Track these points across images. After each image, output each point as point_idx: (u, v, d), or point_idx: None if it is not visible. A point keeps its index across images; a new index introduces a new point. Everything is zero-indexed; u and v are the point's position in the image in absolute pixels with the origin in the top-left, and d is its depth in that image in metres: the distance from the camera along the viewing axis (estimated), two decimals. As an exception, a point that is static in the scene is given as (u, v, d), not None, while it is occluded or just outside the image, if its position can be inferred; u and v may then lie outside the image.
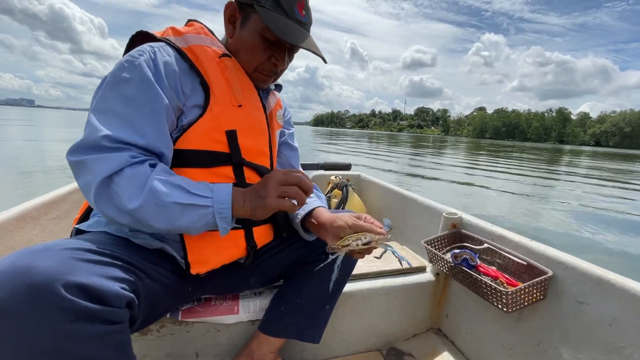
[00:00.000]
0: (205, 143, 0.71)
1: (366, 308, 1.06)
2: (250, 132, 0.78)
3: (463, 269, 0.94)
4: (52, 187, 1.27)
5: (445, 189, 6.75)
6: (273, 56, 0.78)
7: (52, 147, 9.69)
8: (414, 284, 1.11)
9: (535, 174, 10.40)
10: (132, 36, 0.75)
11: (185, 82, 0.70)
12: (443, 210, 1.22)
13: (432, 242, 1.11)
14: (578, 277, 0.79)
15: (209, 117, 0.71)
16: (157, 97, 0.64)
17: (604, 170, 14.63)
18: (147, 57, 0.66)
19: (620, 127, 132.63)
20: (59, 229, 1.16)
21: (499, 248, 0.98)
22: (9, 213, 0.97)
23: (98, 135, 0.58)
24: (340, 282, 0.93)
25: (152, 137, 0.63)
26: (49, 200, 1.14)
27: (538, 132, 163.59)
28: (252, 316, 0.92)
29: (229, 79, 0.75)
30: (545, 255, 0.87)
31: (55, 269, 0.45)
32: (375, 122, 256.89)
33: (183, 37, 0.73)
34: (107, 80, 0.64)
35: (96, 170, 0.56)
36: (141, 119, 0.62)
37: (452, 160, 13.57)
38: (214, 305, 0.91)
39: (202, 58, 0.72)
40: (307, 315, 0.90)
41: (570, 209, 5.58)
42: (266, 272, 0.91)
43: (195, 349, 0.91)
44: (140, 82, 0.63)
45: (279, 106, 0.94)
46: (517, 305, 0.82)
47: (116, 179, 0.57)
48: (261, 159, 0.82)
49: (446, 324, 1.16)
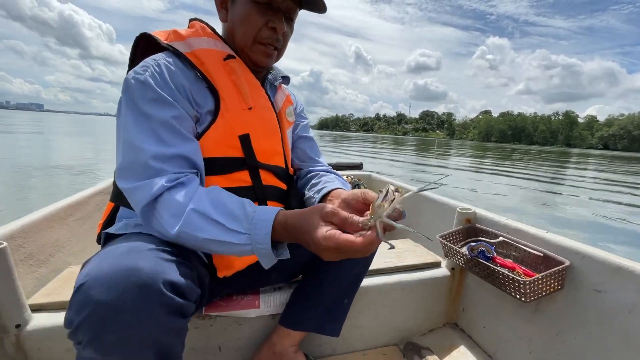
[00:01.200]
0: (220, 150, 0.73)
1: (383, 303, 1.07)
2: (263, 134, 0.79)
3: (480, 261, 0.95)
4: (74, 187, 1.32)
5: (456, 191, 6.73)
6: (270, 20, 0.75)
7: (70, 149, 9.87)
8: (430, 279, 1.12)
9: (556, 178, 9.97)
10: (136, 38, 0.76)
11: (195, 90, 0.71)
12: (456, 206, 1.24)
13: (447, 236, 1.13)
14: (596, 266, 0.80)
15: (221, 123, 0.72)
16: (172, 108, 0.65)
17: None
18: (151, 71, 0.66)
19: (628, 130, 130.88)
20: (83, 230, 1.20)
21: (514, 241, 1.00)
22: (39, 214, 1.01)
23: (137, 157, 0.61)
24: (358, 277, 0.95)
25: (180, 145, 0.64)
26: (74, 202, 1.19)
27: (545, 135, 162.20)
28: (273, 310, 0.94)
29: (237, 82, 0.75)
30: (562, 245, 0.88)
31: (155, 269, 0.51)
32: (380, 125, 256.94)
33: (186, 41, 0.73)
34: (122, 102, 0.65)
35: (137, 198, 0.60)
36: (166, 132, 0.63)
37: (462, 163, 13.48)
38: (235, 300, 0.93)
39: (207, 63, 0.72)
40: (327, 309, 0.92)
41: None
42: (286, 267, 0.93)
43: (218, 342, 0.93)
44: (153, 99, 0.64)
45: (289, 102, 0.93)
46: (535, 295, 0.83)
47: (155, 206, 0.60)
48: (275, 158, 0.83)
49: (462, 319, 1.17)
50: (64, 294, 0.88)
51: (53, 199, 1.16)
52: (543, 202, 5.72)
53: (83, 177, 5.96)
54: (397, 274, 1.11)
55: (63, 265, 1.05)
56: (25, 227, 0.92)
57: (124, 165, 0.62)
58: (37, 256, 0.96)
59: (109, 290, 0.47)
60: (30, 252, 0.93)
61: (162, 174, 0.61)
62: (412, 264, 1.15)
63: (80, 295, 0.47)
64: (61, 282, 0.95)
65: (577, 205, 5.51)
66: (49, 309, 0.84)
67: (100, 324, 0.46)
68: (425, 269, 1.16)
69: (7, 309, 0.75)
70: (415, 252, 1.25)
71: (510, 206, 5.13)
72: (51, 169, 6.25)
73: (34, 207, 1.04)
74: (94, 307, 0.46)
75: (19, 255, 0.88)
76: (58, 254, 1.05)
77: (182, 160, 0.64)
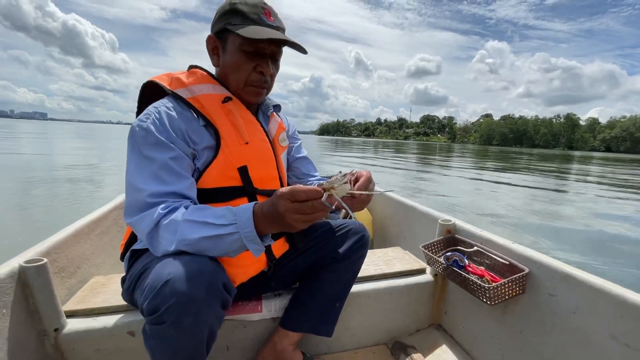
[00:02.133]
0: (221, 181, 0.84)
1: (372, 307, 1.20)
2: (259, 164, 0.89)
3: (454, 269, 1.08)
4: (92, 200, 1.45)
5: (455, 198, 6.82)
6: (258, 65, 0.84)
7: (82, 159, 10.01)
8: (415, 284, 1.25)
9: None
10: (142, 85, 0.88)
11: (192, 129, 0.80)
12: (439, 218, 1.37)
13: (429, 246, 1.26)
14: (550, 273, 0.93)
15: (221, 158, 0.82)
16: (169, 150, 0.76)
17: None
18: (152, 118, 0.77)
19: (630, 132, 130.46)
20: (103, 243, 1.34)
21: (486, 250, 1.13)
22: (68, 230, 1.15)
23: (137, 196, 0.73)
24: (348, 283, 1.08)
25: (175, 183, 0.75)
26: (96, 218, 1.33)
27: (546, 138, 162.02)
28: (274, 314, 1.07)
29: (234, 121, 0.85)
30: (523, 255, 1.01)
31: (215, 271, 0.68)
32: (381, 130, 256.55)
33: (188, 88, 0.83)
34: (129, 147, 0.77)
35: (140, 229, 0.73)
36: (164, 172, 0.75)
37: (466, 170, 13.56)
38: (241, 305, 1.05)
39: (207, 106, 0.82)
40: (320, 313, 1.04)
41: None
42: (285, 276, 1.06)
43: (226, 342, 1.06)
44: (153, 143, 0.75)
45: (281, 129, 1.03)
46: (499, 299, 0.96)
47: (156, 231, 0.71)
48: (272, 183, 0.94)
49: (445, 320, 1.30)
50: (93, 302, 1.02)
51: (64, 208, 1.29)
52: (543, 211, 5.82)
53: (90, 184, 6.14)
54: (386, 280, 1.24)
55: (88, 275, 1.19)
56: (58, 243, 1.06)
57: (128, 204, 0.76)
58: (68, 268, 1.09)
59: (189, 285, 0.62)
60: (62, 265, 1.07)
61: (158, 205, 0.72)
62: (399, 270, 1.28)
63: (167, 289, 0.62)
64: (88, 291, 1.08)
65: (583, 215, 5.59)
66: (80, 315, 0.98)
67: (182, 309, 0.62)
68: (411, 275, 1.28)
69: (48, 315, 0.88)
70: (403, 259, 1.38)
71: (504, 214, 5.23)
72: (55, 180, 6.42)
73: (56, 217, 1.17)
74: (179, 296, 0.61)
75: (54, 268, 1.02)
76: (84, 265, 1.19)
77: (176, 196, 0.76)
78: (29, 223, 3.65)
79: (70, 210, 4.11)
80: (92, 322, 0.94)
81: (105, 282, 1.14)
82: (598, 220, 5.31)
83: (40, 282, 0.86)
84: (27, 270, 0.84)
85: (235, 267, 0.88)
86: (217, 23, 0.85)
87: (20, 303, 0.84)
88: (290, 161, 1.13)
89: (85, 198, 4.91)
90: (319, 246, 1.04)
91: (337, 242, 1.04)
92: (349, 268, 1.05)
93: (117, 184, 6.18)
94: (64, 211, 4.12)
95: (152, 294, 0.63)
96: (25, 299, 0.85)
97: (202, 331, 0.67)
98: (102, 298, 1.04)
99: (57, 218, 3.80)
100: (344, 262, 1.03)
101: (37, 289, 0.86)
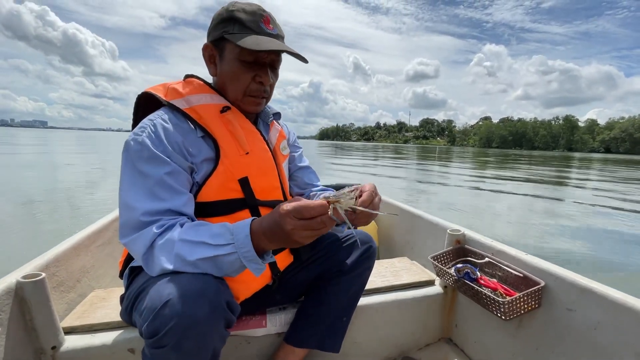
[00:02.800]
0: (221, 193, 0.80)
1: (380, 320, 1.16)
2: (260, 174, 0.86)
3: (465, 281, 1.05)
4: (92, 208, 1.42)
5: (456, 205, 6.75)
6: (257, 75, 0.81)
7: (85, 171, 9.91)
8: (424, 297, 1.21)
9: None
10: (137, 96, 0.85)
11: (190, 141, 0.77)
12: (447, 227, 1.33)
13: (438, 257, 1.22)
14: (567, 286, 0.89)
15: (221, 170, 0.79)
16: (165, 165, 0.73)
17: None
18: (148, 132, 0.73)
19: (630, 133, 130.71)
20: (104, 255, 1.31)
21: (498, 262, 1.09)
22: (68, 243, 1.12)
23: (130, 215, 0.70)
24: (355, 296, 1.04)
25: (170, 199, 0.72)
26: (97, 229, 1.30)
27: (546, 140, 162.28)
28: (279, 329, 1.03)
29: (233, 131, 0.82)
30: (538, 267, 0.98)
31: (219, 291, 0.64)
32: (381, 134, 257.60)
33: (185, 98, 0.80)
34: (123, 162, 0.73)
35: (135, 250, 0.69)
36: (159, 188, 0.71)
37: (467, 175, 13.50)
38: (244, 320, 1.02)
39: (205, 117, 0.79)
40: (327, 327, 1.01)
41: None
42: (290, 289, 1.03)
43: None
44: (148, 157, 0.72)
45: (282, 137, 1.00)
46: (514, 314, 0.93)
47: (151, 251, 0.68)
48: (274, 193, 0.91)
49: (456, 334, 1.26)
50: (92, 317, 0.98)
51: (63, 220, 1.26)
52: (547, 215, 5.75)
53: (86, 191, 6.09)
54: (394, 292, 1.20)
55: (88, 289, 1.16)
56: (58, 256, 1.03)
57: (122, 224, 0.71)
58: (67, 282, 1.06)
59: (190, 306, 0.59)
60: (61, 279, 1.03)
61: (152, 224, 0.69)
62: (407, 282, 1.25)
63: (166, 310, 0.58)
64: (87, 306, 1.05)
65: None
66: (79, 331, 0.94)
67: (183, 332, 0.59)
68: (420, 287, 1.25)
69: (44, 333, 0.85)
70: (411, 270, 1.35)
71: (510, 222, 5.15)
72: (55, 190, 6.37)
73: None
74: (180, 318, 0.58)
75: (53, 283, 0.99)
76: (84, 279, 1.15)
77: (172, 213, 0.72)
78: (28, 236, 3.61)
79: (72, 223, 4.07)
80: (91, 339, 0.91)
81: (106, 296, 1.11)
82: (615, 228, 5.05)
83: (38, 298, 0.83)
84: (25, 286, 0.81)
85: (239, 282, 0.84)
86: (213, 31, 0.82)
87: (17, 320, 0.81)
88: (292, 170, 1.10)
89: (88, 208, 4.87)
90: (324, 258, 1.01)
91: (344, 254, 1.01)
92: (355, 280, 1.02)
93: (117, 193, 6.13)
94: (65, 222, 4.08)
95: (151, 316, 0.59)
96: (22, 316, 0.82)
97: (205, 354, 0.64)
98: (102, 313, 1.00)
99: (58, 230, 3.77)
100: (350, 274, 1.00)
101: (35, 305, 0.83)
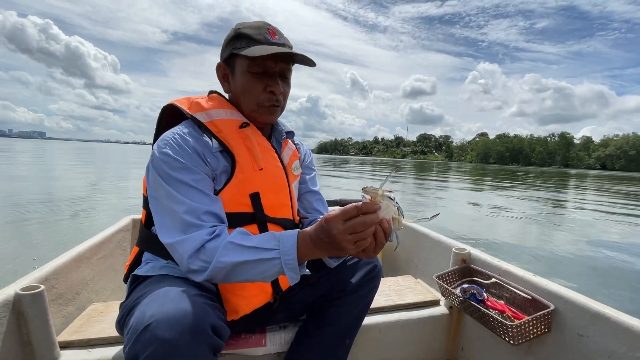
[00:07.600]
0: (232, 206, 0.81)
1: (384, 341, 1.13)
2: (272, 190, 0.88)
3: (472, 303, 1.03)
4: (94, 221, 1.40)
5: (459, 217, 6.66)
6: (267, 85, 0.83)
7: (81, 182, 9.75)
8: (429, 317, 1.19)
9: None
10: (163, 107, 0.88)
11: (209, 154, 0.80)
12: (453, 246, 1.31)
13: (443, 276, 1.21)
14: (577, 311, 0.87)
15: (234, 183, 0.81)
16: (194, 174, 0.76)
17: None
18: (172, 144, 0.77)
19: (625, 151, 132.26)
20: (105, 267, 1.28)
21: (506, 282, 1.07)
22: (69, 255, 1.09)
23: (173, 217, 0.71)
24: (359, 317, 1.01)
25: (207, 204, 0.74)
26: (99, 241, 1.27)
27: (542, 156, 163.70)
28: (279, 348, 1.00)
29: (250, 147, 0.84)
30: (547, 289, 0.96)
31: (203, 314, 0.61)
32: (379, 149, 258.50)
33: (207, 112, 0.83)
34: (154, 175, 0.75)
35: (182, 251, 0.70)
36: (194, 193, 0.74)
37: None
38: (244, 338, 0.99)
39: (224, 131, 0.82)
40: (329, 349, 0.97)
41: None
42: (291, 308, 1.00)
43: None
44: (179, 168, 0.75)
45: (295, 157, 1.01)
46: (523, 338, 0.90)
47: (199, 255, 0.69)
48: (283, 211, 0.91)
49: (462, 356, 1.22)
50: (89, 332, 0.95)
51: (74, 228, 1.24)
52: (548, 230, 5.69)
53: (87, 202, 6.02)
54: (397, 312, 1.17)
55: (86, 302, 1.13)
56: (58, 268, 1.01)
57: (164, 224, 0.73)
58: (66, 295, 1.03)
59: (170, 331, 0.57)
60: (60, 292, 1.01)
61: (201, 228, 0.71)
62: (412, 302, 1.22)
63: (147, 334, 0.56)
64: (85, 319, 1.02)
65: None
66: (75, 346, 0.91)
67: (162, 358, 0.56)
68: (424, 307, 1.22)
69: (40, 348, 0.82)
70: (415, 289, 1.32)
71: (512, 239, 5.06)
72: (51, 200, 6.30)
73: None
74: (159, 344, 0.55)
75: (51, 296, 0.96)
76: (83, 291, 1.12)
77: (212, 215, 0.74)
78: (28, 248, 3.55)
79: (74, 236, 4.02)
80: (87, 354, 0.88)
81: (104, 310, 1.08)
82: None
83: (36, 311, 0.81)
84: (23, 298, 0.80)
85: (240, 297, 0.83)
86: (224, 50, 0.86)
87: (12, 333, 0.79)
88: (302, 192, 1.07)
89: (90, 220, 4.82)
90: (328, 277, 0.99)
91: (348, 273, 0.99)
92: (359, 301, 0.99)
93: (119, 205, 6.05)
94: (66, 235, 4.03)
95: (133, 339, 0.57)
96: (18, 329, 0.80)
97: None
98: (99, 328, 0.97)
99: (59, 241, 3.72)
100: (354, 295, 0.97)
101: (32, 318, 0.81)
